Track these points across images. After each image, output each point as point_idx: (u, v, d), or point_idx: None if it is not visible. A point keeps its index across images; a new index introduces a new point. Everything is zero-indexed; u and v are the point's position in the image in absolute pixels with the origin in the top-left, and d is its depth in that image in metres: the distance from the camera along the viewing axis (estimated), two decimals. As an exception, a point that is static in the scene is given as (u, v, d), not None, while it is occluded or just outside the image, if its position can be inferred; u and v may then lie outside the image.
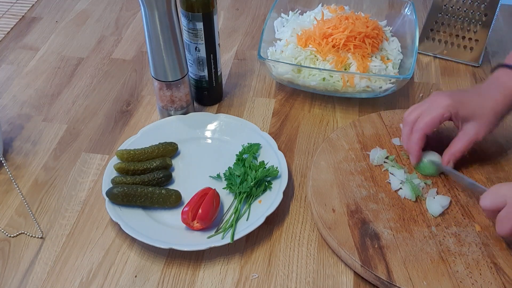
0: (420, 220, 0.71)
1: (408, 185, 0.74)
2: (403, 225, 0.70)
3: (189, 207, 0.71)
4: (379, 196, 0.74)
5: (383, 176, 0.77)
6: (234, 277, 0.68)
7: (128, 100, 0.97)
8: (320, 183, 0.76)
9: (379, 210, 0.72)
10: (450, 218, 0.71)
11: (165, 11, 0.75)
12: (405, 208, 0.72)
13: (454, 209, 0.72)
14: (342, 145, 0.82)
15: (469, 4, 0.98)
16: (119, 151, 0.80)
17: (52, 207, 0.78)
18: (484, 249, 0.67)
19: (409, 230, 0.69)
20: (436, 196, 0.73)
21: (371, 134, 0.84)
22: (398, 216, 0.71)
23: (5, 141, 0.88)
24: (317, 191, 0.75)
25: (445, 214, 0.72)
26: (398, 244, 0.68)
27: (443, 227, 0.70)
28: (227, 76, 1.02)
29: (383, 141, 0.83)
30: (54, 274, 0.69)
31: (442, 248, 0.67)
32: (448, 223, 0.70)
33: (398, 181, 0.75)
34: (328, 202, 0.73)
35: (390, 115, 0.87)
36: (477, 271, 0.64)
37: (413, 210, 0.72)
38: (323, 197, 0.74)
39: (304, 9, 1.07)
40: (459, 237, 0.69)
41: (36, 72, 1.04)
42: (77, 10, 1.24)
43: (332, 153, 0.80)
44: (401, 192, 0.74)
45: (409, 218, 0.71)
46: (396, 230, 0.69)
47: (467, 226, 0.70)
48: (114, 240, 0.73)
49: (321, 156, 0.80)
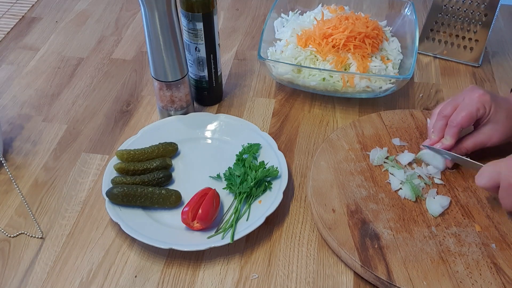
0: (420, 220, 0.71)
1: (408, 185, 0.74)
2: (403, 225, 0.70)
3: (189, 207, 0.71)
4: (379, 196, 0.74)
5: (383, 177, 0.77)
6: (234, 277, 0.68)
7: (128, 100, 0.97)
8: (320, 183, 0.76)
9: (379, 210, 0.72)
10: (450, 218, 0.71)
11: (165, 11, 0.75)
12: (405, 208, 0.72)
13: (454, 209, 0.72)
14: (342, 145, 0.82)
15: (469, 4, 0.98)
16: (119, 151, 0.80)
17: (52, 207, 0.78)
18: (484, 249, 0.67)
19: (409, 230, 0.69)
20: (436, 196, 0.73)
21: (371, 134, 0.84)
22: (398, 216, 0.71)
23: (5, 141, 0.88)
24: (317, 191, 0.74)
25: (445, 214, 0.71)
26: (398, 244, 0.68)
27: (443, 227, 0.70)
28: (227, 76, 1.02)
29: (383, 141, 0.82)
30: (54, 274, 0.69)
31: (442, 248, 0.67)
32: (448, 223, 0.70)
33: (398, 181, 0.75)
34: (328, 202, 0.73)
35: (390, 115, 0.87)
36: (477, 271, 0.64)
37: (413, 210, 0.72)
38: (323, 197, 0.74)
39: (304, 9, 1.07)
40: (459, 237, 0.69)
41: (36, 72, 1.04)
42: (77, 10, 1.24)
43: (332, 153, 0.80)
44: (401, 192, 0.74)
45: (409, 218, 0.71)
46: (396, 230, 0.69)
47: (467, 226, 0.70)
48: (114, 240, 0.73)
49: (321, 156, 0.80)
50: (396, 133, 0.84)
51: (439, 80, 1.00)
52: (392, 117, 0.87)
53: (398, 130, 0.84)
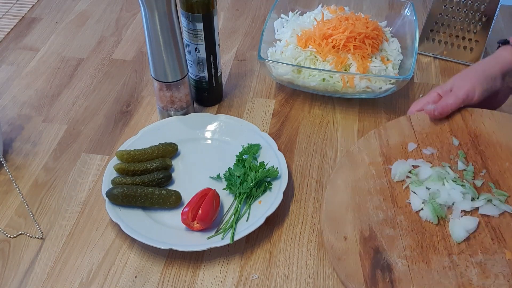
0: (441, 247, 0.63)
1: (429, 206, 0.66)
2: (420, 254, 0.63)
3: (189, 208, 0.71)
4: (397, 219, 0.66)
5: (404, 195, 0.69)
6: (234, 278, 0.68)
7: (128, 101, 0.97)
8: (335, 206, 0.69)
9: (395, 236, 0.65)
10: (477, 244, 0.62)
11: (165, 12, 0.75)
12: (425, 233, 0.64)
13: (483, 233, 0.63)
14: (363, 159, 0.74)
15: (469, 4, 0.98)
16: (119, 152, 0.80)
17: (52, 207, 0.78)
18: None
19: (427, 260, 0.62)
20: (462, 218, 0.64)
21: (397, 143, 0.75)
22: (416, 243, 0.64)
23: (5, 141, 0.88)
24: (330, 216, 0.68)
25: (471, 239, 0.63)
26: (412, 277, 0.60)
27: (466, 255, 0.61)
28: (227, 76, 1.02)
29: (409, 151, 0.74)
30: (54, 274, 0.69)
31: (463, 281, 0.59)
32: (473, 250, 0.62)
33: (420, 201, 0.67)
34: (340, 229, 0.67)
35: (421, 119, 0.76)
36: None
37: (434, 235, 0.64)
38: (336, 223, 0.67)
39: (304, 10, 1.07)
40: (485, 267, 0.60)
41: (36, 73, 1.04)
42: (77, 11, 1.24)
43: (351, 169, 0.73)
44: (422, 213, 0.66)
45: (428, 245, 0.63)
46: (412, 260, 0.62)
47: (496, 253, 0.61)
48: (114, 241, 0.73)
49: (339, 173, 0.73)
50: (426, 141, 0.74)
51: (439, 81, 1.00)
52: (424, 120, 0.76)
53: (428, 136, 0.75)
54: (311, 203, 0.77)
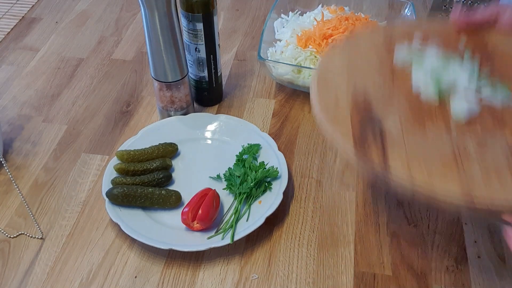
0: (440, 121, 0.58)
1: (432, 83, 0.60)
2: (417, 124, 0.57)
3: (189, 208, 0.71)
4: (395, 97, 0.61)
5: (405, 77, 0.63)
6: (234, 278, 0.68)
7: (128, 101, 0.97)
8: (329, 70, 0.64)
9: (392, 111, 0.59)
10: (478, 124, 0.58)
11: (165, 12, 0.75)
12: (424, 109, 0.59)
13: (485, 117, 0.58)
14: (365, 42, 0.69)
15: (469, 5, 0.98)
16: (119, 152, 0.80)
17: (52, 207, 0.78)
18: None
19: (423, 132, 0.57)
20: (465, 94, 0.60)
21: (403, 32, 0.70)
22: (414, 116, 0.58)
23: (5, 141, 0.88)
24: (322, 78, 0.63)
25: (471, 123, 0.58)
26: (406, 143, 0.55)
27: (466, 133, 0.57)
28: (227, 76, 1.02)
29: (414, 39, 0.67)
30: (54, 274, 0.69)
31: (460, 152, 0.54)
32: (474, 130, 0.57)
33: (422, 79, 0.61)
34: (332, 91, 0.62)
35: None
36: (497, 180, 0.51)
37: (434, 114, 0.59)
38: (328, 84, 0.63)
39: (304, 10, 1.07)
40: (484, 144, 0.55)
41: (36, 73, 1.04)
42: (77, 11, 1.24)
43: (351, 46, 0.68)
44: (424, 92, 0.61)
45: (426, 118, 0.58)
46: (406, 127, 0.57)
47: (497, 135, 0.57)
48: (114, 241, 0.73)
49: (337, 47, 0.68)
50: (433, 38, 0.68)
51: (439, 81, 1.00)
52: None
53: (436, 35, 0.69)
54: (311, 203, 0.77)
